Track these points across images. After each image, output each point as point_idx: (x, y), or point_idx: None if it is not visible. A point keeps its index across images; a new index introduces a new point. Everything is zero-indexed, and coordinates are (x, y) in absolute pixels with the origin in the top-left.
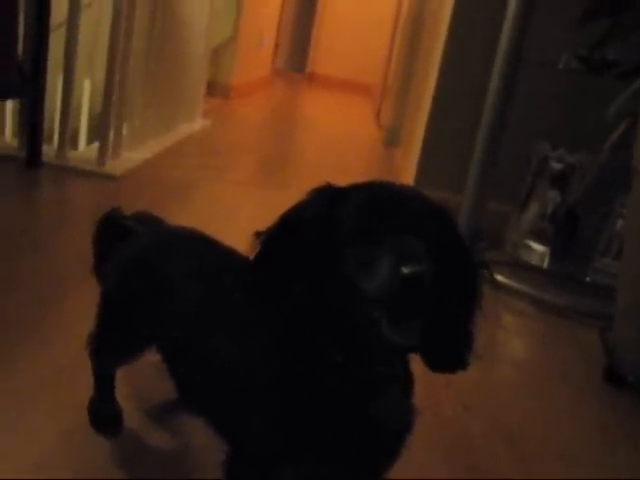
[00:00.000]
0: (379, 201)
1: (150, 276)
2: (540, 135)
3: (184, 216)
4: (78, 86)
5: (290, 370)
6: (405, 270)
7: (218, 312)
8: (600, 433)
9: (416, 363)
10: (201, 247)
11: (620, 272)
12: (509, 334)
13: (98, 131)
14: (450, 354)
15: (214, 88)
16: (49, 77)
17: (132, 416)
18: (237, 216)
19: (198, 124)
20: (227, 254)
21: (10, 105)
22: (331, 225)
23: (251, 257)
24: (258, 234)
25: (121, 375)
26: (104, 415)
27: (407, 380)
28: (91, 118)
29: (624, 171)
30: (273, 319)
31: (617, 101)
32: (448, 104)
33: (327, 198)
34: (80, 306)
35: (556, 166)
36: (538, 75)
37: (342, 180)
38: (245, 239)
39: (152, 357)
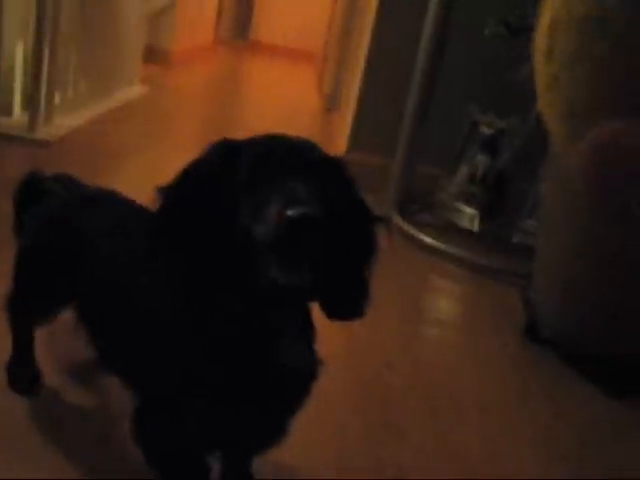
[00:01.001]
0: (271, 151)
1: (65, 234)
2: (471, 100)
3: (117, 182)
4: (10, 50)
5: (192, 318)
6: (290, 212)
7: (128, 267)
8: (516, 385)
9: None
10: (115, 206)
11: (537, 233)
12: (435, 295)
13: (29, 100)
14: (345, 302)
15: (154, 54)
16: None
17: (51, 375)
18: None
19: (135, 91)
20: (141, 212)
21: None
22: (227, 175)
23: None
24: (160, 188)
25: (40, 336)
26: (23, 375)
27: (307, 327)
28: (25, 83)
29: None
30: (175, 269)
31: (529, 64)
32: (380, 70)
33: (224, 150)
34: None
35: (486, 130)
36: (469, 40)
37: None
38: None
39: (69, 317)
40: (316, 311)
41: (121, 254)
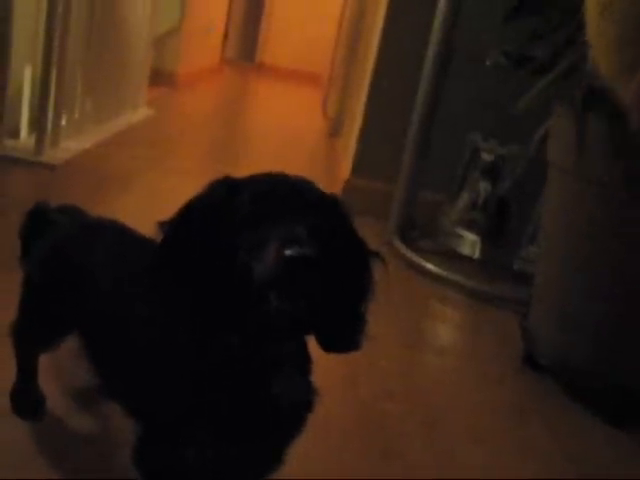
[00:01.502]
0: (270, 190)
1: (69, 265)
2: (472, 127)
3: (123, 206)
4: (19, 73)
5: (190, 352)
6: (288, 252)
7: (129, 297)
8: (514, 413)
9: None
10: (117, 237)
11: (536, 261)
12: (435, 322)
13: (36, 122)
14: (341, 335)
15: (160, 77)
16: None
17: (55, 400)
18: (176, 205)
19: (141, 113)
20: (142, 243)
21: None
22: (227, 213)
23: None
24: (161, 224)
25: (44, 360)
26: (26, 401)
27: (304, 360)
28: (33, 107)
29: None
30: (175, 303)
31: (527, 95)
32: (383, 96)
33: (224, 188)
34: (6, 296)
35: (487, 157)
36: (471, 69)
37: (283, 169)
38: None
39: (74, 343)
40: (314, 341)
41: (122, 285)
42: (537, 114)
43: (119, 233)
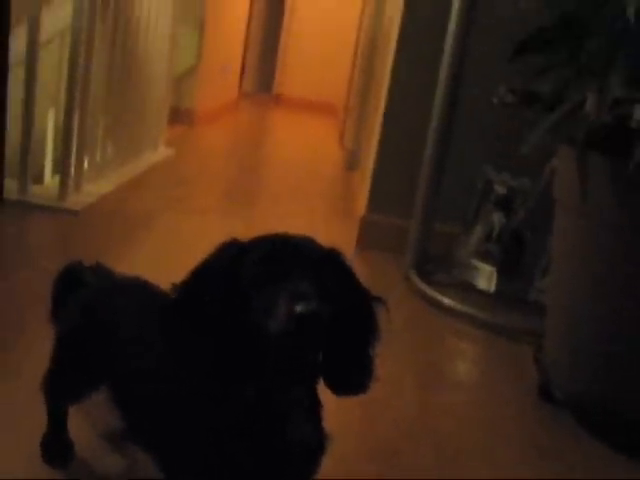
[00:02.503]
0: (275, 252)
1: (97, 321)
2: (485, 160)
3: (145, 248)
4: (42, 117)
5: (207, 403)
6: (298, 308)
7: (150, 352)
8: (531, 447)
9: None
10: (141, 294)
11: (548, 294)
12: (452, 357)
13: (59, 165)
14: (349, 379)
15: (178, 115)
16: (13, 109)
17: (83, 443)
18: (198, 246)
19: (161, 153)
20: (163, 300)
21: None
22: (236, 276)
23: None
24: (174, 286)
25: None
26: (56, 449)
27: (315, 405)
28: (56, 148)
29: None
30: (188, 360)
31: (533, 135)
32: (396, 132)
33: (232, 252)
34: (37, 346)
35: (500, 189)
36: (482, 104)
37: (301, 206)
38: None
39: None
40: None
41: (143, 340)
42: (548, 146)
43: (142, 291)
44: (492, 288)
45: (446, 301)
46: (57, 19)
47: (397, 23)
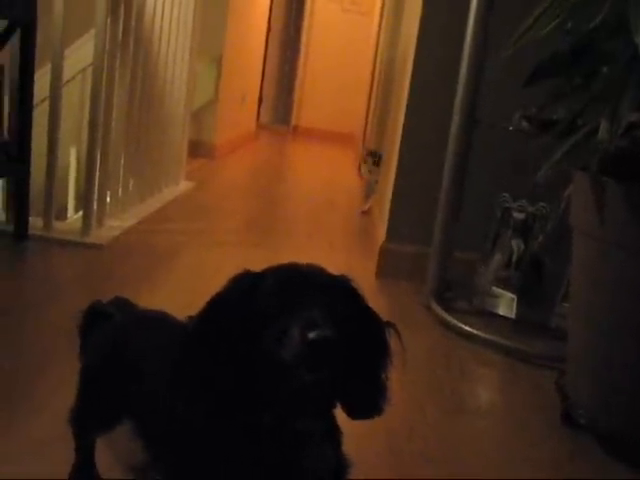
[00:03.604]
0: (286, 282)
1: (121, 356)
2: (502, 188)
3: (168, 283)
4: (65, 154)
5: (224, 433)
6: (311, 335)
7: (169, 384)
8: (554, 473)
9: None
10: (162, 328)
11: (569, 320)
12: (474, 383)
13: (82, 202)
14: (364, 403)
15: (197, 148)
16: (36, 145)
17: (106, 474)
18: (220, 279)
19: (181, 187)
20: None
21: None
22: (250, 306)
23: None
24: (190, 318)
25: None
26: None
27: (333, 432)
28: (78, 185)
29: None
30: (205, 392)
31: (548, 163)
32: (413, 161)
33: (245, 283)
34: (63, 379)
35: (518, 216)
36: (497, 132)
37: (320, 236)
38: None
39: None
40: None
41: (164, 372)
42: (565, 171)
43: (165, 324)
44: (513, 314)
45: (467, 328)
46: (77, 58)
47: (412, 53)
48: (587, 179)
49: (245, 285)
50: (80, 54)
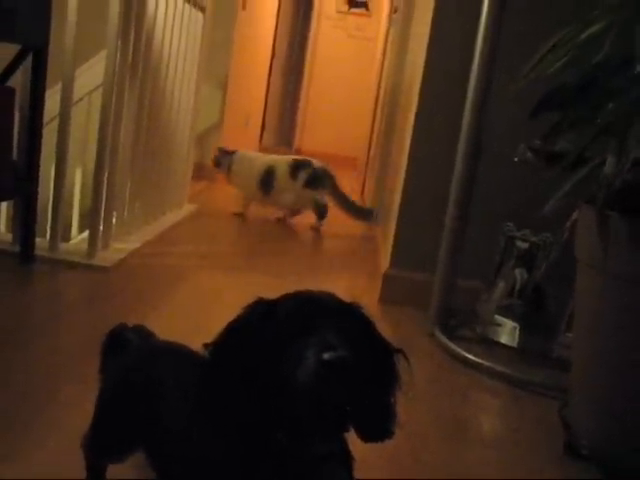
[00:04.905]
0: (301, 308)
1: (138, 384)
2: (506, 218)
3: (173, 306)
4: (70, 176)
5: (244, 459)
6: (325, 357)
7: (185, 413)
8: None
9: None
10: (180, 359)
11: (572, 350)
12: (477, 411)
13: (88, 223)
14: (376, 426)
15: (201, 171)
16: (43, 166)
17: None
18: (223, 302)
19: (185, 210)
20: (199, 363)
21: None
22: (266, 333)
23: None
24: (206, 345)
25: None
26: None
27: (346, 457)
28: (82, 206)
29: None
30: (225, 420)
31: (554, 199)
32: (418, 190)
33: (260, 310)
34: (70, 400)
35: (522, 245)
36: (503, 162)
37: (323, 262)
38: None
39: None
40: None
41: (180, 402)
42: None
43: (180, 355)
44: (515, 343)
45: (470, 356)
46: (85, 81)
47: (418, 80)
48: (592, 212)
49: (261, 312)
50: (87, 77)
